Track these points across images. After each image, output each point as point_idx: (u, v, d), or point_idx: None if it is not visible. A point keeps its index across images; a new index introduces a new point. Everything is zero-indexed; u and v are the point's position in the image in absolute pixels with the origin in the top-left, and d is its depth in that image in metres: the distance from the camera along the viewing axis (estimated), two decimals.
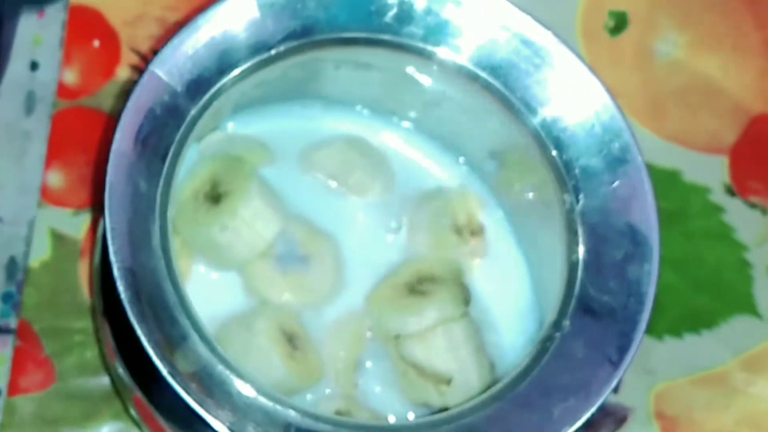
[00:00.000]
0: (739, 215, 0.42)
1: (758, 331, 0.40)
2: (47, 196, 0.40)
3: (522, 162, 0.35)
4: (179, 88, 0.32)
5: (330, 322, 0.36)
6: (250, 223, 0.36)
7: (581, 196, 0.33)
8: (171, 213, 0.32)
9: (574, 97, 0.34)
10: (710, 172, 0.42)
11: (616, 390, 0.32)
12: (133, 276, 0.30)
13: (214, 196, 0.35)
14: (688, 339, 0.40)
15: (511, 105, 0.34)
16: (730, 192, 0.42)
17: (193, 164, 0.36)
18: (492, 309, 0.36)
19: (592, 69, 0.34)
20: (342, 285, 0.36)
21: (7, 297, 0.39)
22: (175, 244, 0.32)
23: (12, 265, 0.40)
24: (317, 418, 0.30)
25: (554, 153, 0.34)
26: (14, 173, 0.41)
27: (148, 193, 0.31)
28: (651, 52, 0.44)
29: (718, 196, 0.42)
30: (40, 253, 0.40)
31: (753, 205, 0.42)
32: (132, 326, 0.29)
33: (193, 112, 0.33)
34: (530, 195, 0.36)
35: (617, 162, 0.33)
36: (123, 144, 0.31)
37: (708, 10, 0.44)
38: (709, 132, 0.43)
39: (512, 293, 0.37)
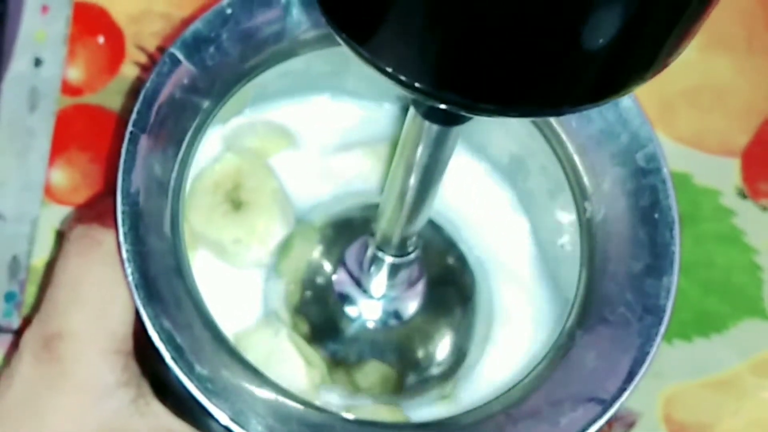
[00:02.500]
0: (750, 218, 0.41)
1: None
2: (50, 194, 0.40)
3: (543, 168, 0.35)
4: (199, 73, 0.32)
5: None
6: (263, 239, 0.35)
7: (602, 206, 0.32)
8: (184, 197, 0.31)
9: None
10: (721, 175, 0.42)
11: None
12: (141, 260, 0.29)
13: (235, 201, 0.35)
14: (698, 343, 0.40)
15: None
16: (742, 195, 0.42)
17: (218, 152, 0.35)
18: (509, 313, 0.36)
19: None
20: None
21: (10, 296, 0.39)
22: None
23: (14, 264, 0.39)
24: (321, 410, 0.29)
25: (577, 159, 0.33)
26: (17, 171, 0.40)
27: (161, 177, 0.30)
28: None
29: (730, 200, 0.41)
30: (43, 252, 0.39)
31: (764, 208, 0.41)
32: (138, 310, 0.29)
33: (212, 99, 0.32)
34: (551, 204, 0.36)
35: (642, 172, 0.32)
36: (139, 126, 0.30)
37: (720, 10, 0.43)
38: (720, 134, 0.42)
39: (528, 297, 0.36)
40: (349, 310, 0.35)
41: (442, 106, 0.21)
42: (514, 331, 0.36)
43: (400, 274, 0.34)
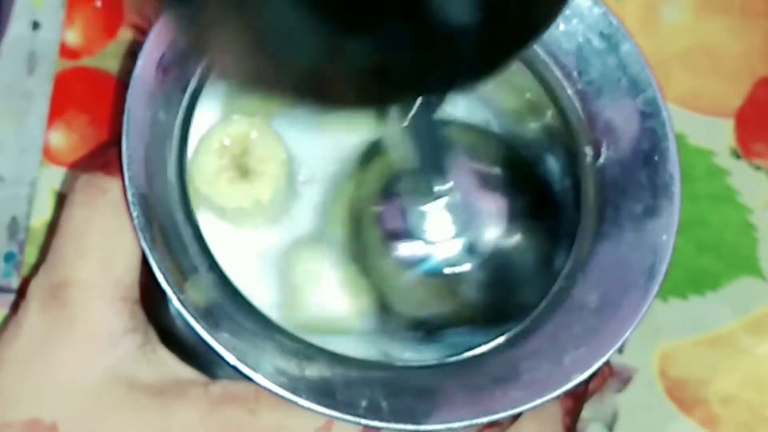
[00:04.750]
0: (744, 178, 0.41)
1: (763, 293, 0.40)
2: (49, 155, 0.40)
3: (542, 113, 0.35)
4: None
5: None
6: (267, 208, 0.35)
7: (603, 149, 0.33)
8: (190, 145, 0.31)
9: (601, 50, 0.33)
10: (715, 136, 0.42)
11: (620, 350, 0.32)
12: (146, 203, 0.29)
13: (242, 167, 0.34)
14: (693, 300, 0.40)
15: (536, 56, 0.34)
16: (735, 155, 0.42)
17: (222, 102, 0.35)
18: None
19: (623, 24, 0.34)
20: None
21: (9, 257, 0.39)
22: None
23: (13, 224, 0.40)
24: (330, 353, 0.29)
25: (578, 104, 0.33)
26: (16, 133, 0.40)
27: (166, 122, 0.31)
28: (656, 15, 0.43)
29: (723, 159, 0.42)
30: (42, 213, 0.39)
31: (758, 168, 0.42)
32: (144, 255, 0.29)
33: None
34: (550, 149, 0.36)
35: (642, 115, 0.33)
36: (144, 72, 0.31)
37: None
38: (714, 95, 0.43)
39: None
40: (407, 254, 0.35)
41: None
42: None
43: (458, 204, 0.33)
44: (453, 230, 0.34)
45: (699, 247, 0.41)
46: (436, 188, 0.32)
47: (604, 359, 0.30)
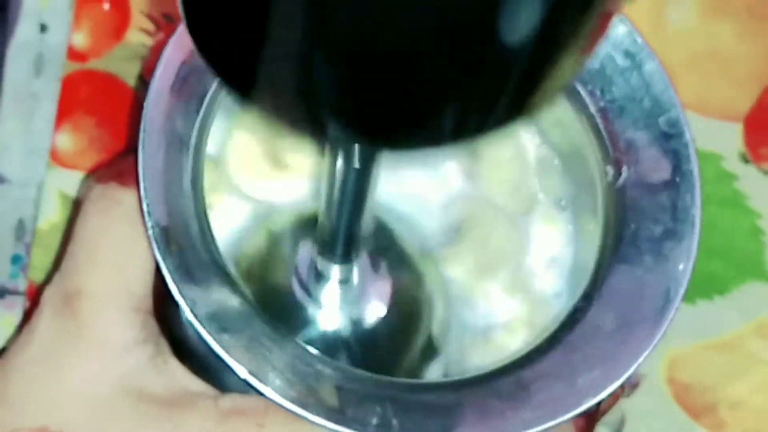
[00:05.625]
0: (752, 182, 0.41)
1: None
2: (56, 158, 0.40)
3: (564, 130, 0.35)
4: None
5: None
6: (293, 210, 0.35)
7: (624, 169, 0.32)
8: (207, 151, 0.31)
9: (625, 68, 0.33)
10: (724, 140, 0.42)
11: None
12: (161, 214, 0.29)
13: (277, 160, 0.34)
14: (701, 305, 0.40)
15: None
16: (744, 159, 0.42)
17: (243, 118, 0.35)
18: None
19: (645, 40, 0.33)
20: None
21: (16, 259, 0.39)
22: (211, 178, 0.31)
23: (20, 227, 0.40)
24: (341, 367, 0.29)
25: (600, 123, 0.33)
26: (23, 135, 0.40)
27: (183, 133, 0.30)
28: (664, 19, 0.43)
29: (732, 164, 0.42)
30: (49, 216, 0.39)
31: (767, 173, 0.42)
32: (157, 266, 0.29)
33: None
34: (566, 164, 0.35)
35: (664, 136, 0.32)
36: (162, 81, 0.30)
37: None
38: (723, 99, 0.42)
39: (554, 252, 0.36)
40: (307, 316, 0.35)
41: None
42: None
43: (353, 282, 0.33)
44: (339, 302, 0.34)
45: (707, 252, 0.40)
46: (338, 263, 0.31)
47: (618, 383, 0.29)
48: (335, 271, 0.32)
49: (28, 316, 0.31)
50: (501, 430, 0.28)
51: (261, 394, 0.28)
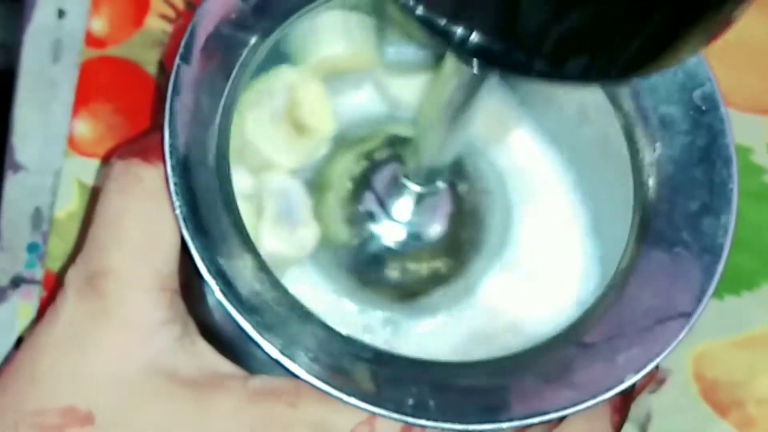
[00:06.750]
0: None
1: None
2: (74, 145, 0.39)
3: (597, 107, 0.34)
4: (249, 10, 0.31)
5: None
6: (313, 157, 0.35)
7: (658, 145, 0.32)
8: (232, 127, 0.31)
9: None
10: (752, 132, 0.41)
11: None
12: (189, 193, 0.29)
13: (297, 123, 0.34)
14: (729, 300, 0.39)
15: None
16: None
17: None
18: (542, 258, 0.35)
19: None
20: None
21: (33, 247, 0.39)
22: (235, 154, 0.31)
23: (37, 215, 0.39)
24: (369, 346, 0.29)
25: (631, 98, 0.32)
26: (40, 122, 0.40)
27: (208, 111, 0.30)
28: None
29: (761, 157, 0.41)
30: (66, 204, 0.39)
31: None
32: (185, 244, 0.28)
33: (260, 34, 0.31)
34: (597, 140, 0.35)
35: (698, 111, 0.32)
36: (188, 58, 0.30)
37: None
38: (752, 92, 0.42)
39: (567, 242, 0.36)
40: (373, 228, 0.35)
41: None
42: (556, 274, 0.35)
43: (425, 203, 0.34)
44: (409, 217, 0.35)
45: (735, 246, 0.39)
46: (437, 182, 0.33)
47: (658, 359, 0.29)
48: (414, 188, 0.33)
49: (53, 297, 0.31)
50: (541, 410, 0.28)
51: (293, 374, 0.28)
